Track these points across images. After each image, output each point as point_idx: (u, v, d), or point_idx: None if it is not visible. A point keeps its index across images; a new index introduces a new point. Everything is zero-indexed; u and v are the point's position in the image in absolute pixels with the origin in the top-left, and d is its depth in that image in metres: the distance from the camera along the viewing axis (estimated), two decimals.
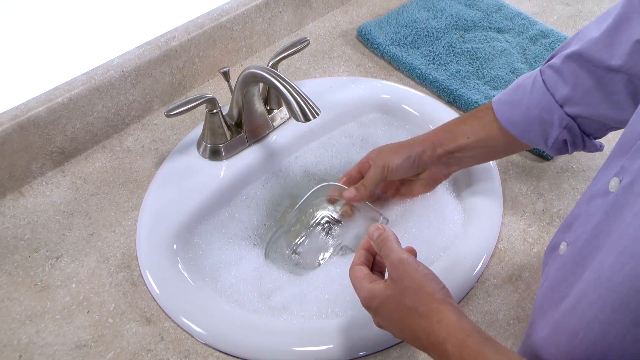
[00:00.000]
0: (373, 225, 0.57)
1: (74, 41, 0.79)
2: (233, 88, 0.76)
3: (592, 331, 0.41)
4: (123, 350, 0.63)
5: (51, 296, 0.67)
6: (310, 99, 0.67)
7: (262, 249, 0.77)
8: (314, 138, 0.86)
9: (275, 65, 0.79)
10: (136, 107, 0.85)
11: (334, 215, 0.78)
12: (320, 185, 0.76)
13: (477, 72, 0.93)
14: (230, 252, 0.74)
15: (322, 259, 0.76)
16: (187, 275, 0.69)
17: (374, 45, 0.98)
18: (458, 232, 0.74)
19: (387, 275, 0.55)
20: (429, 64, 0.94)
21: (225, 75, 0.76)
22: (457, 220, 0.76)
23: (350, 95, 0.89)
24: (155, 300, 0.67)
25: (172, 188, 0.76)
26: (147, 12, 0.85)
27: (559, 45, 0.97)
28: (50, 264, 0.70)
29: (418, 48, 0.97)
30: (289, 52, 0.79)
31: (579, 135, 0.66)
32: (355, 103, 0.89)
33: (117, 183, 0.78)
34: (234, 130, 0.79)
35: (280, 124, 0.84)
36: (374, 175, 0.72)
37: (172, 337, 0.65)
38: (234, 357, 0.64)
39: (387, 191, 0.79)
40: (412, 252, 0.56)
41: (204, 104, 0.74)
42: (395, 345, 0.65)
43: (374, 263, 0.59)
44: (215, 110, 0.75)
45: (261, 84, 0.77)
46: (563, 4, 1.11)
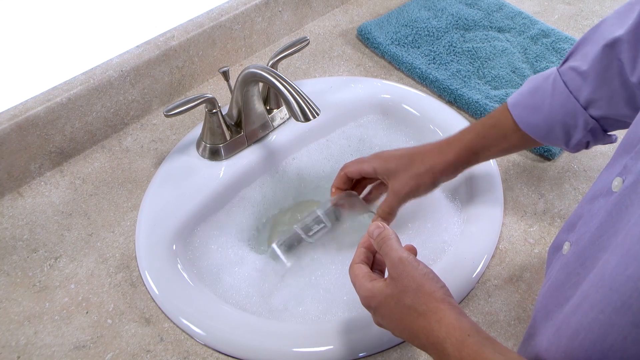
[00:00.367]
0: (373, 223, 0.57)
1: (73, 40, 0.78)
2: (232, 88, 0.76)
3: (592, 332, 0.41)
4: (122, 351, 0.63)
5: (50, 297, 0.67)
6: (310, 99, 0.67)
7: (262, 248, 0.76)
8: (314, 138, 0.86)
9: (275, 65, 0.78)
10: (135, 107, 0.84)
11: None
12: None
13: (477, 72, 0.93)
14: (229, 252, 0.74)
15: (310, 234, 0.73)
16: (186, 276, 0.69)
17: (374, 45, 0.98)
18: (458, 232, 0.74)
19: (387, 273, 0.54)
20: (429, 64, 0.94)
21: (225, 75, 0.76)
22: (458, 221, 0.76)
23: (351, 95, 0.89)
24: (154, 301, 0.67)
25: (172, 188, 0.76)
26: (146, 12, 0.85)
27: (560, 44, 0.97)
28: (49, 264, 0.70)
29: (418, 47, 0.96)
30: (289, 51, 0.79)
31: (600, 134, 0.65)
32: (355, 103, 0.88)
33: (116, 183, 0.78)
34: (234, 130, 0.79)
35: (280, 124, 0.84)
36: (393, 204, 0.70)
37: (171, 338, 0.65)
38: (233, 358, 0.63)
39: (381, 191, 0.78)
40: (413, 250, 0.56)
41: (204, 104, 0.74)
42: (395, 346, 0.64)
43: (374, 261, 0.58)
44: (214, 110, 0.75)
45: (261, 84, 0.77)
46: (564, 3, 1.11)
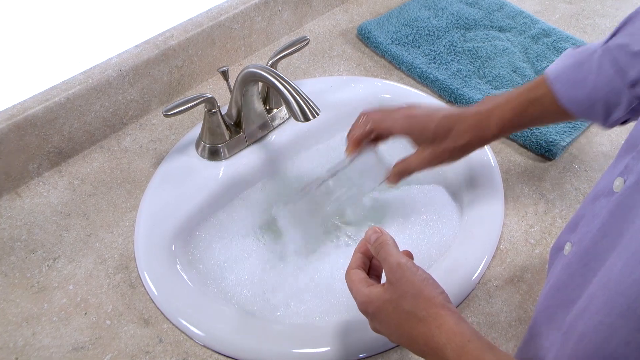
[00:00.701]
0: (370, 228, 0.56)
1: (72, 40, 0.78)
2: (232, 87, 0.76)
3: (597, 335, 0.41)
4: (121, 352, 0.63)
5: (48, 298, 0.67)
6: (309, 99, 0.66)
7: (262, 248, 0.76)
8: (314, 138, 0.86)
9: (274, 65, 0.78)
10: (134, 107, 0.84)
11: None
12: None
13: (478, 72, 0.92)
14: (229, 252, 0.74)
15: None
16: (185, 277, 0.68)
17: (374, 44, 0.97)
18: (459, 233, 0.74)
19: (384, 279, 0.54)
20: (429, 63, 0.93)
21: (224, 74, 0.76)
22: (458, 221, 0.76)
23: (351, 94, 0.89)
24: (153, 302, 0.67)
25: (171, 188, 0.76)
26: (145, 11, 0.84)
27: (561, 44, 0.97)
28: (47, 265, 0.70)
29: (419, 47, 0.96)
30: (289, 51, 0.79)
31: (638, 112, 0.62)
32: (355, 102, 0.88)
33: (115, 183, 0.78)
34: (233, 130, 0.79)
35: (280, 124, 0.84)
36: (416, 169, 0.69)
37: (170, 339, 0.64)
38: (232, 359, 0.63)
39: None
40: (410, 255, 0.56)
41: (203, 104, 0.74)
42: (395, 347, 0.64)
43: (370, 266, 0.58)
44: (214, 110, 0.75)
45: (260, 84, 0.77)
46: (565, 2, 1.10)
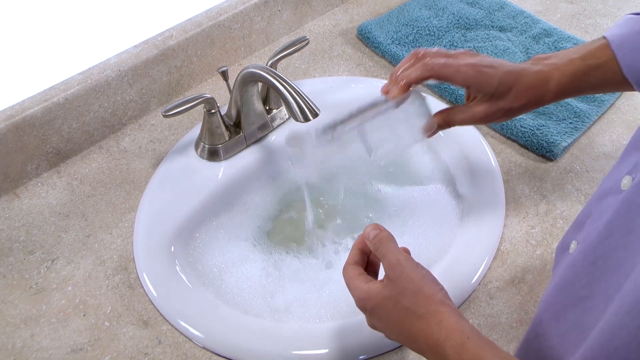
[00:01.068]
0: (369, 225, 0.56)
1: (70, 40, 0.78)
2: (231, 88, 0.75)
3: (602, 333, 0.41)
4: (120, 354, 0.63)
5: (46, 299, 0.67)
6: (309, 99, 0.66)
7: (262, 249, 0.76)
8: None
9: (274, 65, 0.78)
10: (133, 107, 0.84)
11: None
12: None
13: None
14: (229, 254, 0.74)
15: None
16: (184, 278, 0.68)
17: (375, 44, 0.97)
18: (459, 233, 0.74)
19: (381, 275, 0.54)
20: None
21: (224, 74, 0.75)
22: (459, 222, 0.76)
23: (351, 95, 0.89)
24: (152, 303, 0.67)
25: (170, 189, 0.76)
26: (144, 11, 0.84)
27: (562, 44, 0.96)
28: (46, 266, 0.69)
29: (419, 47, 0.96)
30: (288, 51, 0.79)
31: None
32: (355, 103, 0.87)
33: (114, 184, 0.78)
34: (233, 130, 0.78)
35: (280, 124, 0.83)
36: (468, 122, 0.64)
37: (169, 340, 0.64)
38: None
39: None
40: (407, 252, 0.55)
41: (202, 104, 0.74)
42: (395, 348, 0.64)
43: (368, 263, 0.57)
44: (213, 110, 0.75)
45: (260, 84, 0.77)
46: (566, 2, 1.10)
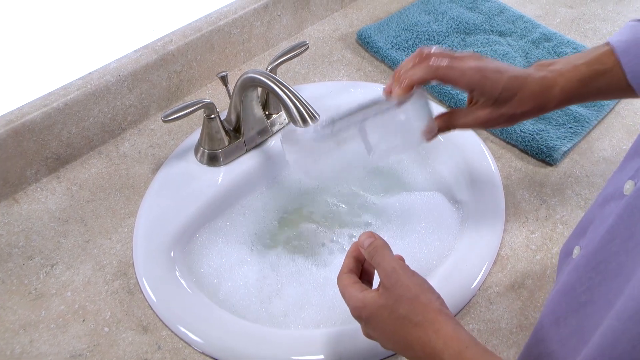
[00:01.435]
0: (364, 233, 0.55)
1: (70, 45, 0.78)
2: (231, 93, 0.75)
3: (603, 338, 0.40)
4: (119, 359, 0.62)
5: (46, 305, 0.67)
6: (309, 104, 0.66)
7: (262, 255, 0.76)
8: None
9: (274, 70, 0.78)
10: (133, 112, 0.84)
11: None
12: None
13: None
14: (228, 259, 0.74)
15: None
16: (184, 283, 0.68)
17: (374, 49, 0.97)
18: (459, 238, 0.74)
19: (375, 284, 0.53)
20: None
21: (223, 79, 0.75)
22: (459, 227, 0.76)
23: (350, 99, 0.88)
24: (152, 309, 0.66)
25: (169, 194, 0.76)
26: (144, 16, 0.84)
27: (562, 48, 0.96)
28: (45, 272, 0.69)
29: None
30: (288, 56, 0.79)
31: None
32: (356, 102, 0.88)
33: (114, 189, 0.78)
34: (232, 135, 0.78)
35: (279, 129, 0.83)
36: (470, 125, 0.62)
37: (169, 346, 0.64)
38: None
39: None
40: (402, 260, 0.55)
41: (202, 109, 0.73)
42: (391, 355, 0.64)
43: (362, 271, 0.57)
44: (213, 115, 0.75)
45: (260, 89, 0.77)
46: (566, 6, 1.10)
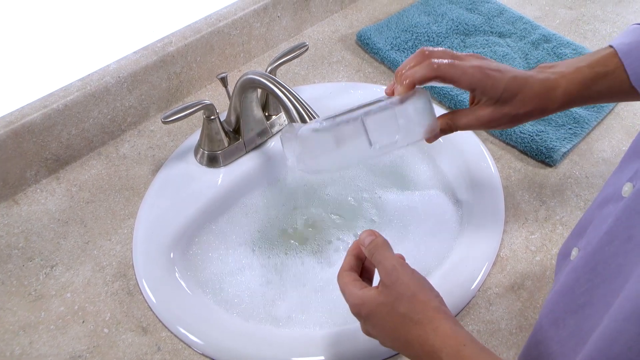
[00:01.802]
0: (365, 231, 0.56)
1: (70, 46, 0.78)
2: (231, 94, 0.75)
3: (601, 339, 0.41)
4: None
5: (45, 306, 0.67)
6: (309, 105, 0.66)
7: (262, 256, 0.76)
8: None
9: (273, 71, 0.78)
10: (132, 114, 0.84)
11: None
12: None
13: None
14: (228, 260, 0.74)
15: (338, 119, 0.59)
16: (184, 284, 0.68)
17: (374, 50, 0.97)
18: (459, 239, 0.74)
19: (376, 282, 0.53)
20: None
21: (223, 81, 0.75)
22: (458, 228, 0.76)
23: (350, 101, 0.88)
24: (151, 310, 0.66)
25: (169, 195, 0.76)
26: (144, 17, 0.84)
27: (561, 49, 0.96)
28: (45, 273, 0.69)
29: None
30: (288, 57, 0.79)
31: None
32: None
33: (113, 190, 0.78)
34: (232, 136, 0.78)
35: (279, 131, 0.83)
36: (470, 126, 0.61)
37: (169, 347, 0.64)
38: None
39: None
40: (402, 259, 0.55)
41: (202, 110, 0.73)
42: (392, 356, 0.64)
43: (362, 269, 0.57)
44: (212, 117, 0.75)
45: (259, 90, 0.77)
46: (565, 7, 1.10)
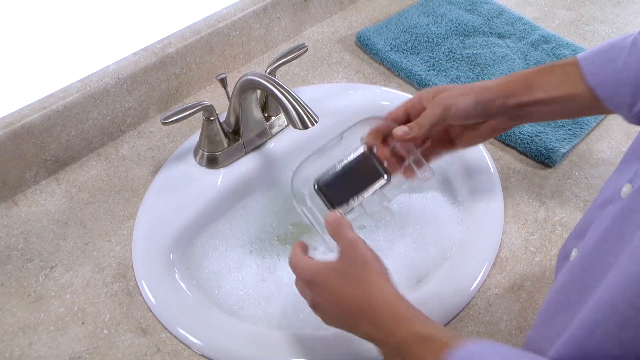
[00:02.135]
0: (330, 212, 0.60)
1: (69, 47, 0.78)
2: (230, 95, 0.75)
3: (580, 330, 0.41)
4: None
5: (45, 307, 0.67)
6: (308, 106, 0.66)
7: (261, 257, 0.76)
8: (313, 146, 0.85)
9: (273, 72, 0.78)
10: (132, 114, 0.84)
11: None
12: (362, 120, 0.67)
13: (477, 78, 0.92)
14: (227, 261, 0.74)
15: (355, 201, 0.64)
16: (183, 285, 0.68)
17: (373, 51, 0.97)
18: (458, 240, 0.74)
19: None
20: (429, 70, 0.93)
21: (223, 82, 0.75)
22: (458, 229, 0.76)
23: (349, 102, 0.89)
24: (151, 311, 0.66)
25: (169, 197, 0.76)
26: (143, 18, 0.84)
27: (560, 50, 0.96)
28: (44, 274, 0.69)
29: (418, 54, 0.96)
30: (287, 58, 0.79)
31: None
32: (354, 110, 0.88)
33: (113, 191, 0.78)
34: (232, 137, 0.78)
35: (278, 132, 0.83)
36: (433, 115, 0.64)
37: (168, 348, 0.64)
38: None
39: (436, 137, 0.69)
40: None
41: (201, 111, 0.74)
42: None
43: None
44: (212, 118, 0.75)
45: (259, 91, 0.77)
46: (565, 8, 1.10)
